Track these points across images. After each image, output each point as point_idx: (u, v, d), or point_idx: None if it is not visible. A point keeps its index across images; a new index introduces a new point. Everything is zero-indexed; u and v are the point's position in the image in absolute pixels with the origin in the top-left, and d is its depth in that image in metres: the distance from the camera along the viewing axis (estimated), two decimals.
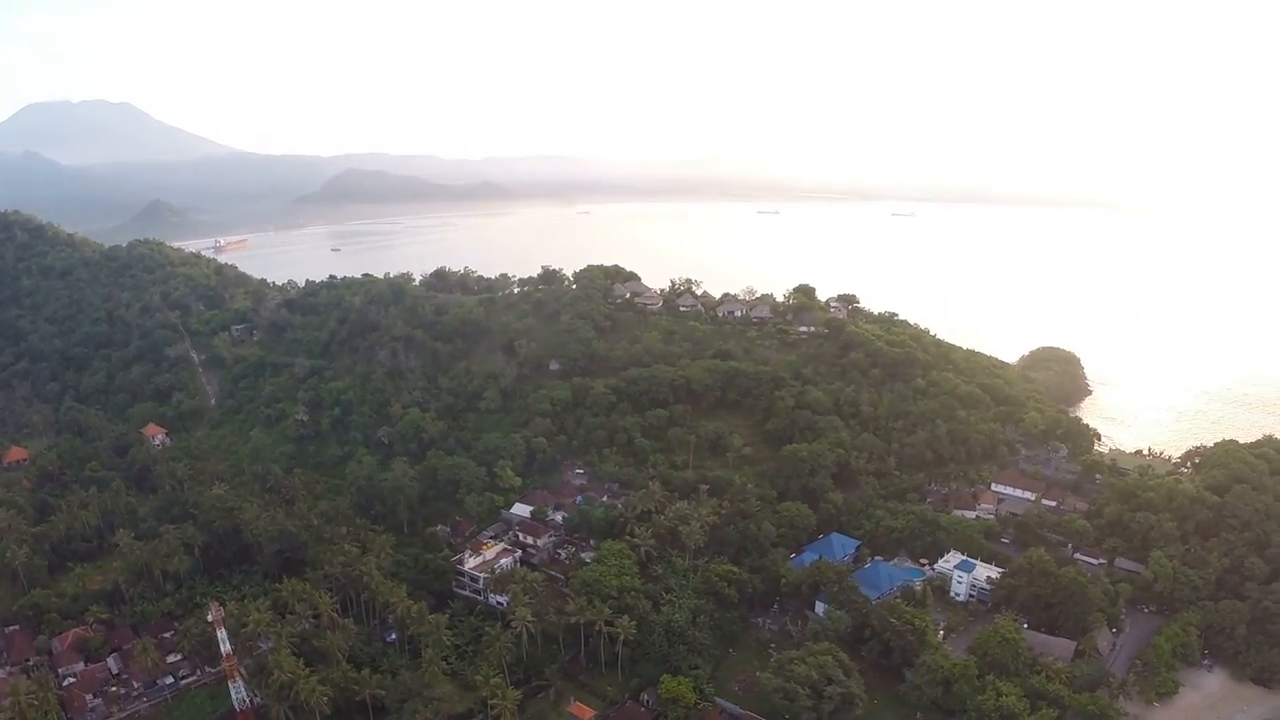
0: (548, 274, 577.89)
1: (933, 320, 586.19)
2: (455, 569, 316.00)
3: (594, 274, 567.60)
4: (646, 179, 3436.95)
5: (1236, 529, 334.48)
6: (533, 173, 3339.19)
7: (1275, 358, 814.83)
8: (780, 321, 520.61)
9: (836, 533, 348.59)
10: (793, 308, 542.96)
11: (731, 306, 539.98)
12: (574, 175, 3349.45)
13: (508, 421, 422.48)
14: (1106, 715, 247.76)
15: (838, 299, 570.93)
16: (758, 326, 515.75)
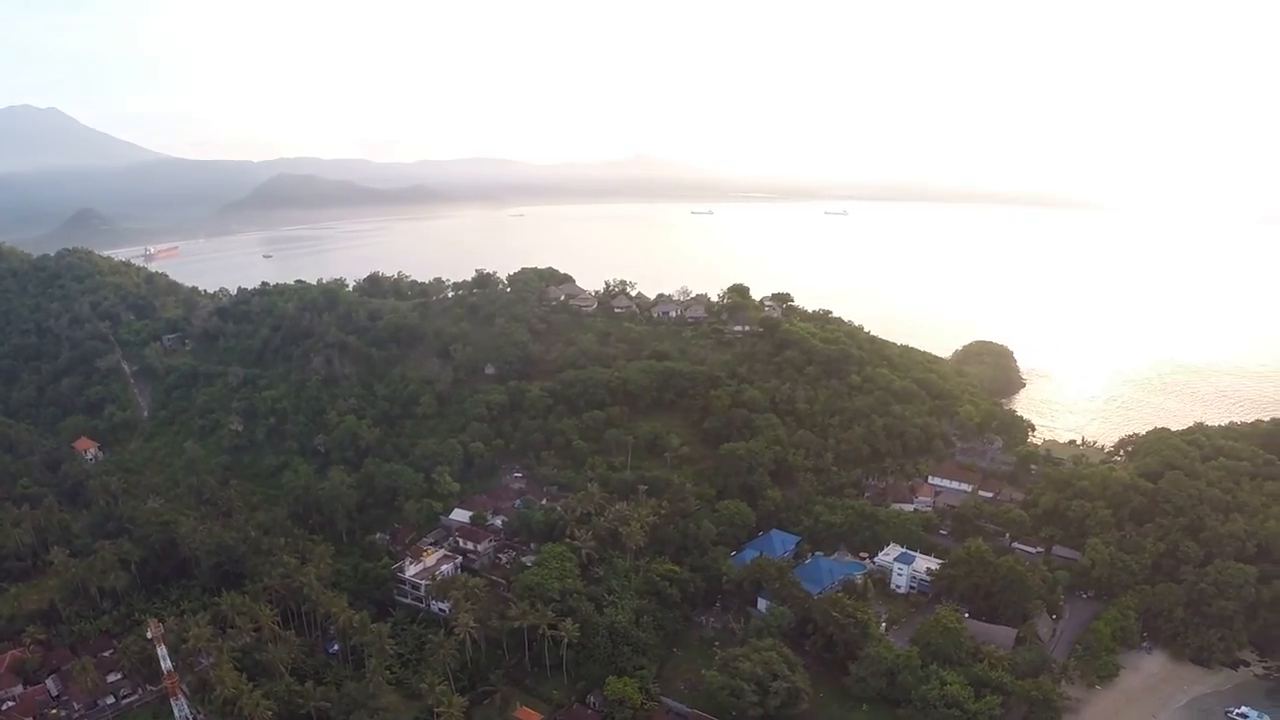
0: (482, 277, 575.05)
1: (867, 317, 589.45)
2: (396, 577, 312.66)
3: (528, 276, 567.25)
4: (579, 181, 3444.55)
5: (1170, 514, 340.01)
6: (465, 176, 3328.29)
7: (1202, 347, 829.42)
8: (715, 321, 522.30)
9: (776, 529, 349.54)
10: (727, 307, 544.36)
11: (666, 307, 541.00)
12: (506, 178, 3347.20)
13: (444, 427, 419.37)
14: (1049, 700, 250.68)
15: (772, 298, 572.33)
16: (693, 326, 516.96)
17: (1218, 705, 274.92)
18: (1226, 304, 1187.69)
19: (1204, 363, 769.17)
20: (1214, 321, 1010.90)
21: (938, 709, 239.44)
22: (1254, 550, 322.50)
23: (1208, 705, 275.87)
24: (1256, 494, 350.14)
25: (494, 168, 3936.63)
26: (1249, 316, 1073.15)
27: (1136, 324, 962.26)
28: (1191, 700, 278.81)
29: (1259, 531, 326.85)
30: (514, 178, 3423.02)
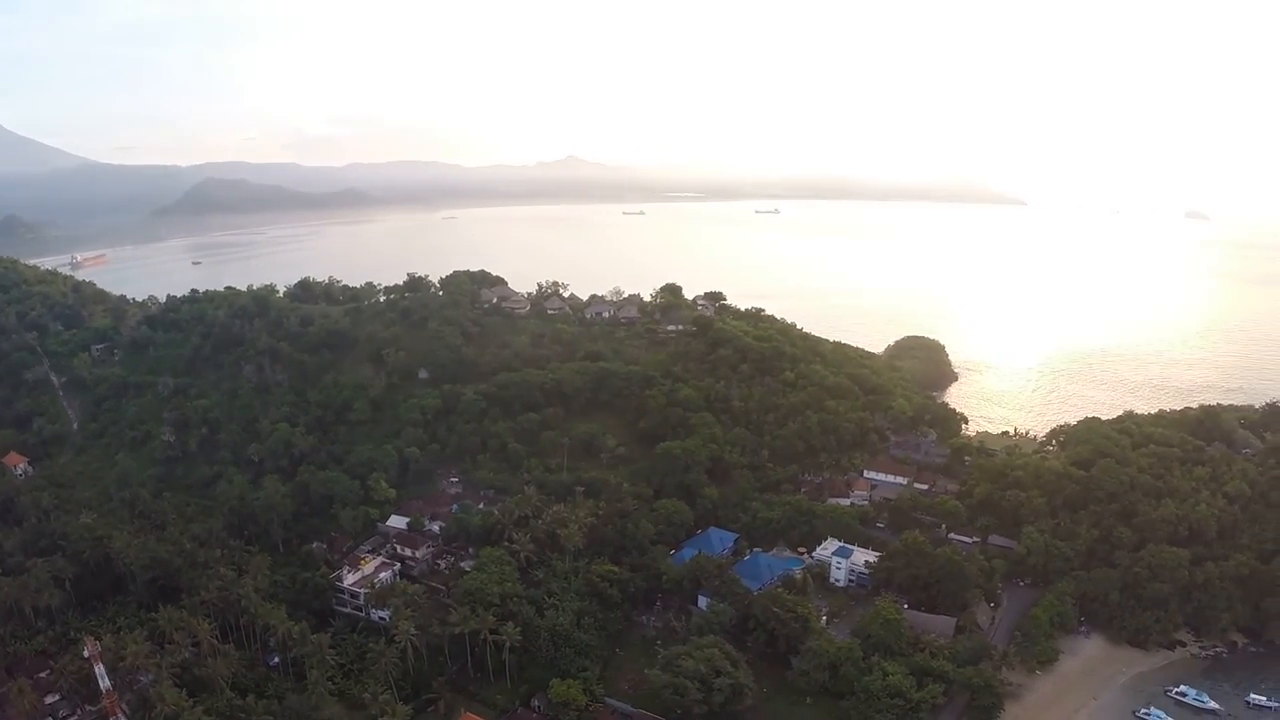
0: (414, 281, 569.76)
1: (799, 314, 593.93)
2: (334, 586, 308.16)
3: (460, 279, 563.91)
4: (510, 183, 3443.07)
5: (1103, 501, 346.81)
6: (396, 179, 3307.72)
7: (1130, 339, 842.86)
8: (648, 321, 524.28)
9: (714, 527, 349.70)
10: (660, 307, 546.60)
11: (599, 307, 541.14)
12: (437, 180, 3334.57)
13: (379, 432, 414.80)
14: (991, 686, 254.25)
15: (705, 296, 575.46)
16: (626, 326, 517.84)
17: (1156, 685, 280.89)
18: (1154, 295, 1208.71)
19: (1133, 353, 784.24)
20: (1142, 313, 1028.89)
21: (881, 699, 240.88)
22: (1186, 534, 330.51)
23: (1147, 686, 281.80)
24: (1186, 479, 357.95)
25: (425, 170, 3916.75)
26: (1176, 307, 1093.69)
27: (1066, 317, 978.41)
28: (1130, 681, 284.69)
29: (1190, 515, 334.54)
30: (445, 180, 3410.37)
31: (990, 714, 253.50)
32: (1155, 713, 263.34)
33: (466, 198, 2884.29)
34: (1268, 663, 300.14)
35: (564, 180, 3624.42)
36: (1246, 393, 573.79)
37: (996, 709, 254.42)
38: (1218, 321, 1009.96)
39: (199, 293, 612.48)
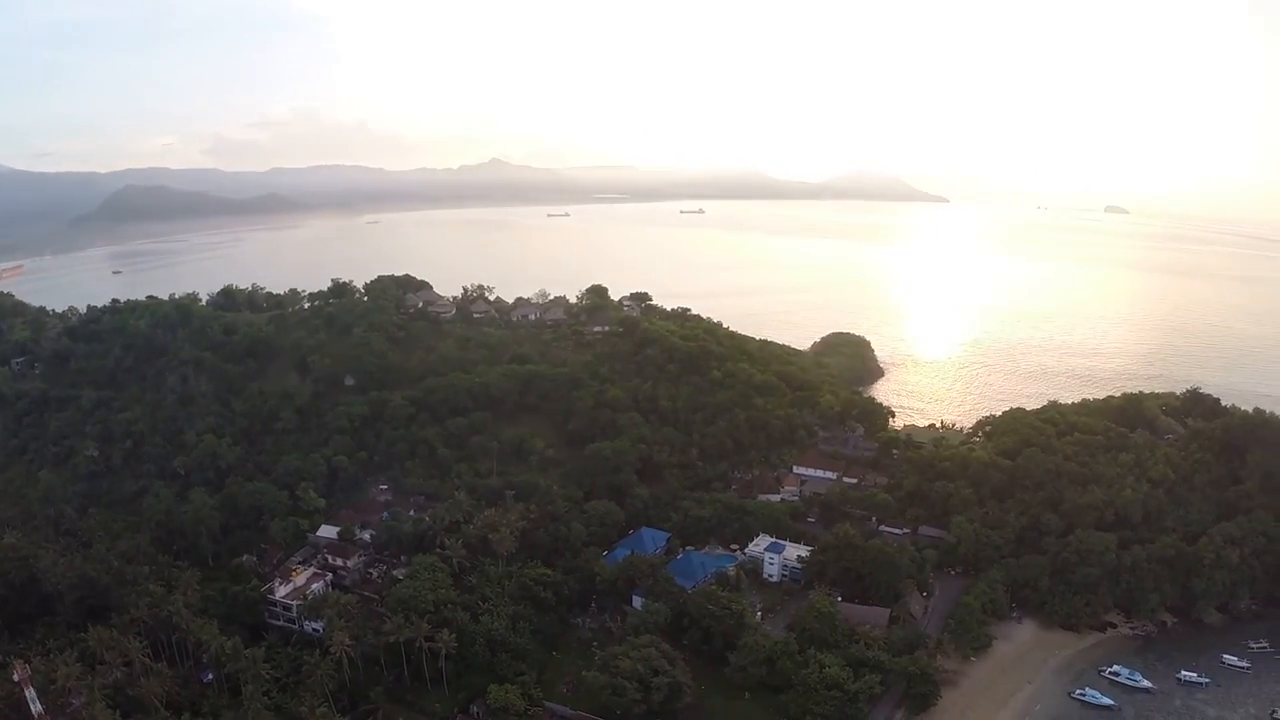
0: (338, 287, 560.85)
1: (725, 313, 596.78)
2: (266, 599, 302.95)
3: (385, 284, 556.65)
4: (434, 186, 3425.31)
5: (1030, 489, 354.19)
6: (318, 183, 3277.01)
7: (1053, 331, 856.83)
8: (575, 322, 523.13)
9: (646, 527, 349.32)
10: (586, 308, 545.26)
11: (525, 310, 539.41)
12: (361, 184, 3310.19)
13: (306, 441, 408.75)
14: (927, 674, 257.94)
15: (631, 297, 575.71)
16: (553, 329, 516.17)
17: (1090, 666, 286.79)
18: (1075, 287, 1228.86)
19: (1055, 344, 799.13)
20: (1064, 305, 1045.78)
21: (819, 692, 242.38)
22: (1112, 518, 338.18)
23: (1080, 667, 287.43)
24: (1111, 465, 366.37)
25: (348, 174, 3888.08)
26: (1096, 299, 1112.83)
27: (988, 311, 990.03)
28: (1064, 663, 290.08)
29: (1115, 500, 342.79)
30: (368, 184, 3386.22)
31: (927, 701, 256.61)
32: (1090, 693, 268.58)
33: (390, 202, 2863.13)
34: (1197, 640, 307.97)
35: (488, 183, 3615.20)
36: (1167, 380, 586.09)
37: (933, 696, 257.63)
38: (1136, 311, 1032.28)
39: (120, 303, 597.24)
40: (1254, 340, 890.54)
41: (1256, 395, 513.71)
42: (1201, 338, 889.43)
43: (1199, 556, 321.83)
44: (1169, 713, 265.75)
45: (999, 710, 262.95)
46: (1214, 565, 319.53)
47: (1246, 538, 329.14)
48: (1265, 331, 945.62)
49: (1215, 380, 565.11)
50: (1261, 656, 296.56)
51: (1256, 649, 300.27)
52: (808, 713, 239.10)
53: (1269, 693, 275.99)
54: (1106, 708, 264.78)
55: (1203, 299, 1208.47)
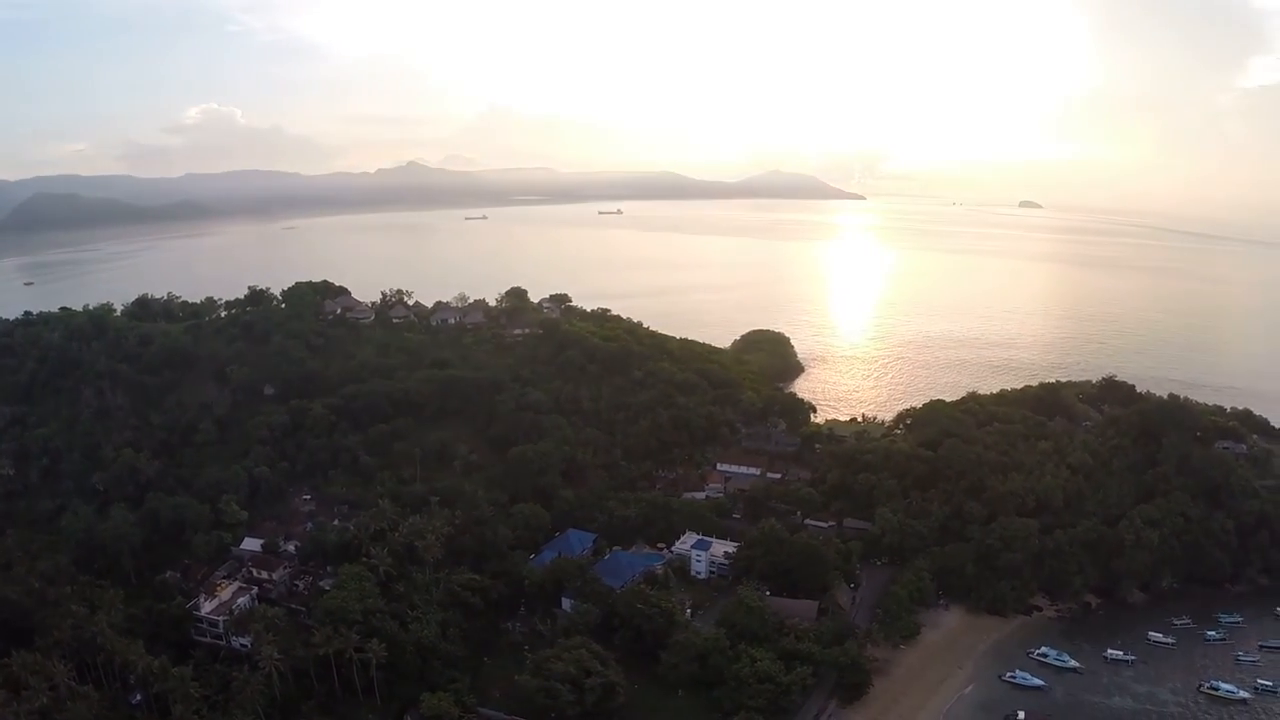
0: (255, 294, 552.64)
1: (646, 313, 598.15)
2: (192, 616, 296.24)
3: (303, 291, 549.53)
4: (351, 191, 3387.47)
5: (953, 479, 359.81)
6: (234, 189, 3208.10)
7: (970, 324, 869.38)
8: (495, 325, 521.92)
9: (573, 528, 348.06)
10: (506, 311, 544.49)
11: (445, 314, 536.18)
12: (277, 190, 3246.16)
13: (227, 453, 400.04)
14: (858, 664, 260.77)
15: (550, 299, 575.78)
16: (472, 332, 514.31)
17: (1018, 649, 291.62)
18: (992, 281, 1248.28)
19: (972, 337, 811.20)
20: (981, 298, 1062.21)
21: (751, 685, 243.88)
22: (1034, 505, 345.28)
23: (1008, 650, 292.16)
24: (1031, 453, 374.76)
25: (264, 179, 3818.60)
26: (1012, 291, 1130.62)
27: (906, 306, 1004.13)
28: (992, 647, 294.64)
29: (1036, 487, 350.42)
30: (284, 189, 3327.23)
31: (859, 691, 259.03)
32: (1021, 675, 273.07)
33: (307, 207, 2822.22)
34: (1121, 619, 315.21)
35: (405, 187, 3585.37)
36: (1082, 368, 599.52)
37: (865, 685, 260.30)
38: (1051, 302, 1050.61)
39: (33, 315, 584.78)
40: (1163, 328, 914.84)
41: (1169, 381, 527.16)
42: (1113, 326, 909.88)
43: (1120, 538, 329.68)
44: (1097, 690, 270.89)
45: (930, 696, 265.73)
46: (1135, 546, 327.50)
47: (1165, 519, 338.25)
48: (1173, 319, 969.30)
49: (1129, 367, 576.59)
50: (1185, 632, 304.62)
51: (1180, 625, 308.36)
52: (741, 707, 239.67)
53: (1194, 666, 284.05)
54: (1037, 689, 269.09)
55: (1112, 289, 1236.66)
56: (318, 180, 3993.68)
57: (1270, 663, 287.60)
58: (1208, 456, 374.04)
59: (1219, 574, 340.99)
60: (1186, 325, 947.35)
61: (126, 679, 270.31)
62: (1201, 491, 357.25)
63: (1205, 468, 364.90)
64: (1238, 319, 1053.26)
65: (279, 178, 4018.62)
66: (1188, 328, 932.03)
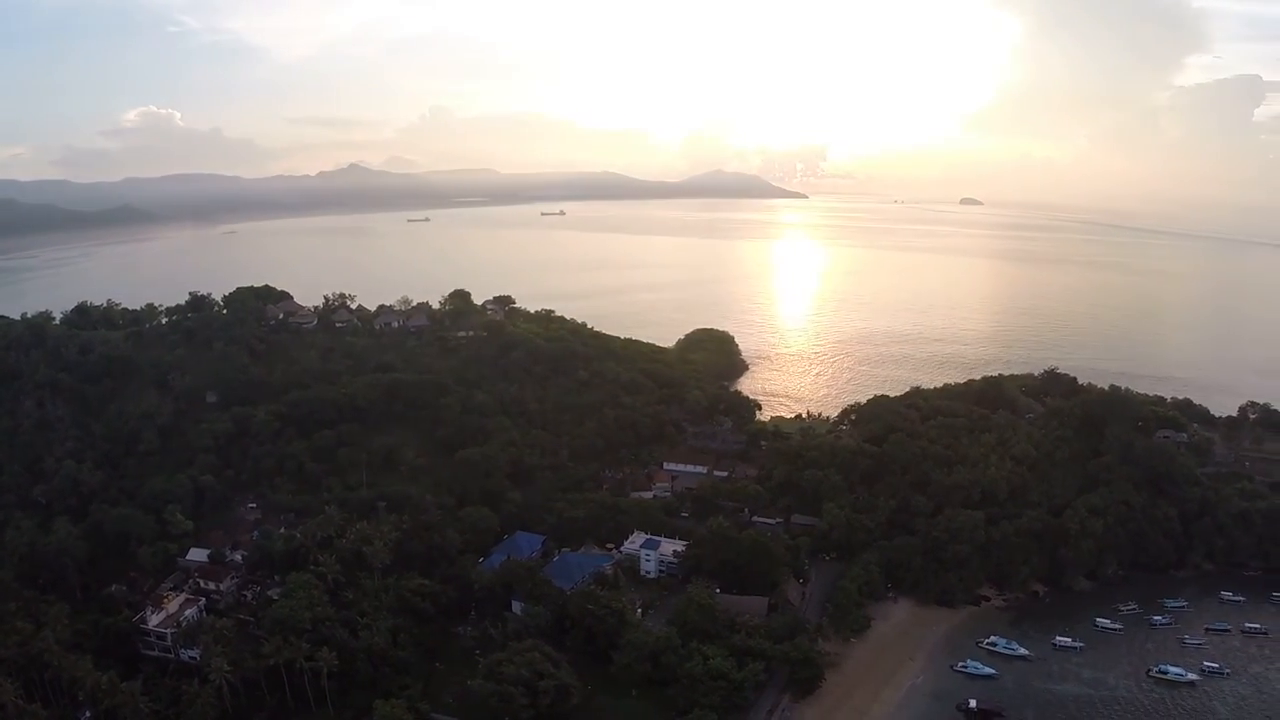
0: (196, 300, 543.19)
1: (590, 313, 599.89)
2: (139, 629, 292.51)
3: (244, 296, 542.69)
4: (290, 193, 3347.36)
5: (898, 473, 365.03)
6: (174, 194, 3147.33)
7: (911, 320, 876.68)
8: (439, 328, 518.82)
9: (521, 531, 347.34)
10: (450, 313, 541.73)
11: (388, 317, 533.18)
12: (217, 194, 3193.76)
13: (170, 462, 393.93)
14: (810, 659, 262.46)
15: (494, 301, 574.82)
16: (416, 335, 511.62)
17: (967, 639, 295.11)
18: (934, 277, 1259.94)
19: (915, 333, 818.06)
20: (924, 294, 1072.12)
21: (705, 683, 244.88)
22: (979, 496, 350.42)
23: (958, 640, 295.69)
24: (975, 446, 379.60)
25: (204, 183, 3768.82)
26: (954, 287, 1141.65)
27: (849, 302, 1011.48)
28: (942, 638, 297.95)
29: (981, 480, 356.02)
30: (225, 193, 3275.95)
31: (811, 685, 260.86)
32: (972, 664, 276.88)
33: (247, 211, 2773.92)
34: (1068, 607, 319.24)
35: (347, 190, 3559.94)
36: (1024, 362, 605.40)
37: (817, 679, 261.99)
38: (992, 297, 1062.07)
39: None
40: (1102, 320, 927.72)
41: (1110, 372, 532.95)
42: (1053, 320, 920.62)
43: (1065, 528, 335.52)
44: (1048, 677, 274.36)
45: (883, 688, 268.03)
46: (1080, 535, 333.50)
47: (1109, 507, 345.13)
48: (1111, 312, 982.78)
49: (1070, 360, 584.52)
50: (1132, 618, 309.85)
51: (1126, 611, 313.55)
52: (695, 704, 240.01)
53: (1141, 651, 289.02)
54: (988, 677, 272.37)
55: (1051, 283, 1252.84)
56: (259, 183, 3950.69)
57: (1216, 645, 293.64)
58: (1149, 446, 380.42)
59: (1163, 560, 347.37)
60: (1125, 318, 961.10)
61: (75, 695, 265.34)
62: (1144, 480, 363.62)
63: (1147, 457, 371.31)
64: (1174, 311, 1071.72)
65: (219, 181, 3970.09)
66: (1126, 320, 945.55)
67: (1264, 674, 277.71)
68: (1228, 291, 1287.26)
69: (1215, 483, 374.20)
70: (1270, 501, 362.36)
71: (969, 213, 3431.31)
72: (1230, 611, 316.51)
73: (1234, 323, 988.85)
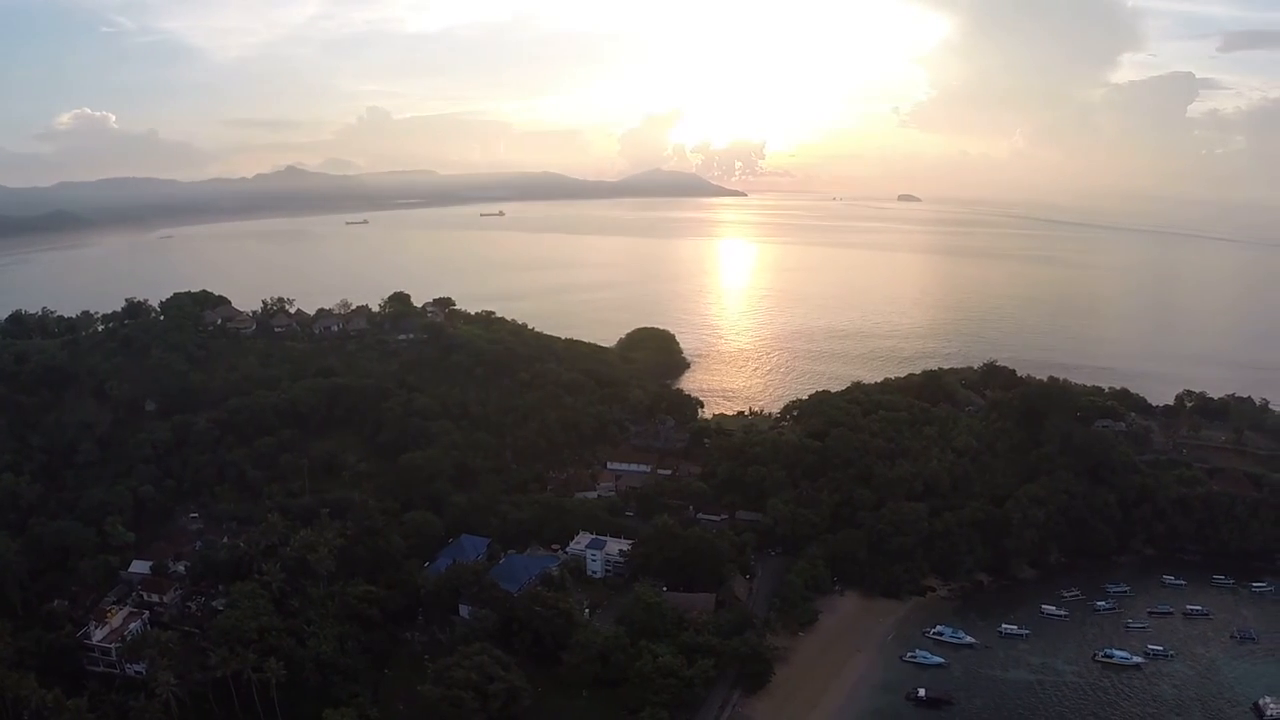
0: (133, 307, 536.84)
1: (530, 314, 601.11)
2: (83, 645, 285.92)
3: (182, 302, 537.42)
4: (227, 197, 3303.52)
5: (841, 467, 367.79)
6: (109, 198, 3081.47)
7: (850, 315, 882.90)
8: (379, 331, 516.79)
9: (466, 534, 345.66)
10: (390, 316, 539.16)
11: (328, 321, 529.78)
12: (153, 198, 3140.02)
13: (110, 473, 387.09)
14: (758, 653, 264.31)
15: (434, 303, 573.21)
16: (356, 339, 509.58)
17: (914, 629, 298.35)
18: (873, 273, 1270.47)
19: (855, 329, 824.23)
20: (863, 291, 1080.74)
21: (655, 681, 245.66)
22: (922, 489, 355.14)
23: (906, 631, 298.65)
24: (917, 439, 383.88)
25: (140, 187, 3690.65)
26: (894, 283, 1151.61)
27: (790, 299, 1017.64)
28: (890, 629, 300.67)
29: (923, 472, 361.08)
30: (161, 197, 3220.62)
31: (762, 680, 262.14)
32: (920, 653, 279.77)
33: (184, 215, 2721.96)
34: (1013, 595, 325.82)
35: (285, 192, 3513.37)
36: (964, 355, 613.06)
37: (767, 674, 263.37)
38: (931, 292, 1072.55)
39: None
40: (1040, 313, 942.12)
41: (1049, 364, 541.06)
42: (992, 313, 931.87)
43: (1007, 517, 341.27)
44: (995, 664, 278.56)
45: (832, 680, 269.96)
46: (1022, 524, 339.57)
47: (1050, 497, 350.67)
48: (1048, 305, 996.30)
49: (1008, 352, 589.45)
50: (1076, 604, 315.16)
51: (1070, 598, 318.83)
52: (646, 703, 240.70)
53: (1087, 636, 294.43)
54: (937, 666, 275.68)
55: (989, 277, 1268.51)
56: (195, 187, 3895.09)
57: (1159, 628, 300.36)
58: (1089, 435, 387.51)
59: (1105, 547, 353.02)
60: (1062, 310, 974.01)
61: (19, 715, 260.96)
62: (1084, 469, 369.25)
63: (1087, 446, 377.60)
64: (1111, 303, 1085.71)
65: (155, 185, 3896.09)
66: (1063, 313, 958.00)
67: (1207, 655, 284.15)
68: (1162, 283, 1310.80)
69: (1154, 470, 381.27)
70: (1208, 487, 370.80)
71: (907, 209, 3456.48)
72: (1172, 595, 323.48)
73: (1169, 313, 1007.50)
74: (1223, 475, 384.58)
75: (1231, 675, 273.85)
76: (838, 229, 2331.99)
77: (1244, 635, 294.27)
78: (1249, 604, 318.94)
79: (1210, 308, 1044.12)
